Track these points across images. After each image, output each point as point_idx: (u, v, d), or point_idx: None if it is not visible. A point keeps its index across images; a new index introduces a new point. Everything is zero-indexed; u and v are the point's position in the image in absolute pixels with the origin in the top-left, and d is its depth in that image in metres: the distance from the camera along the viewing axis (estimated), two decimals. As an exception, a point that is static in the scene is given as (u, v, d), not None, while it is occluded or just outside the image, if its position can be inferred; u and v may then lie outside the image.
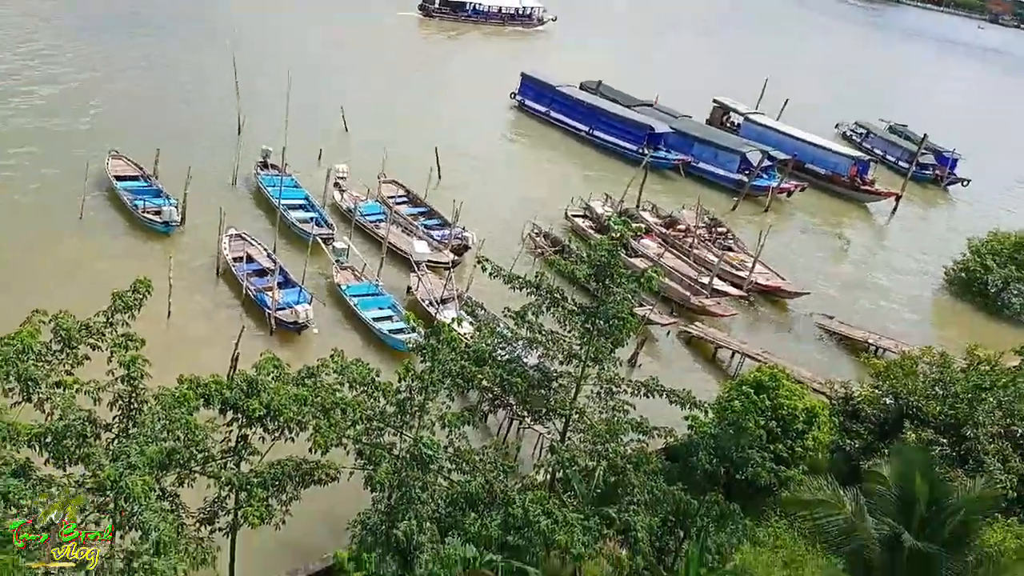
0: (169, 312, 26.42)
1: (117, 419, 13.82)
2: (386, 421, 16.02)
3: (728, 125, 61.15)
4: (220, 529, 15.50)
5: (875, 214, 53.23)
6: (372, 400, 16.36)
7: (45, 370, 13.44)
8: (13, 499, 12.23)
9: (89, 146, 36.20)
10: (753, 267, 37.22)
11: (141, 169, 35.37)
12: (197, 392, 14.46)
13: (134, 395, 13.76)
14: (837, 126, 68.04)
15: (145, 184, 34.66)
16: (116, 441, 13.60)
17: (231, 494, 15.12)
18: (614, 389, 19.19)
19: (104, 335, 14.05)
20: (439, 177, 41.41)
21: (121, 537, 13.46)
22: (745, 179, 48.88)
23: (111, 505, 13.18)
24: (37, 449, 12.83)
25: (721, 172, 50.76)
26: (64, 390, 13.30)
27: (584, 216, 41.85)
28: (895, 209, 52.80)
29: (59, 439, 12.84)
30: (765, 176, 50.36)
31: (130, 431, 13.71)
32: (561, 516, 14.86)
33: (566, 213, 41.60)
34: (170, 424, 13.91)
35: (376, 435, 16.14)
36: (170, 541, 12.37)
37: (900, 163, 60.73)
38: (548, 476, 19.67)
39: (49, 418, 13.11)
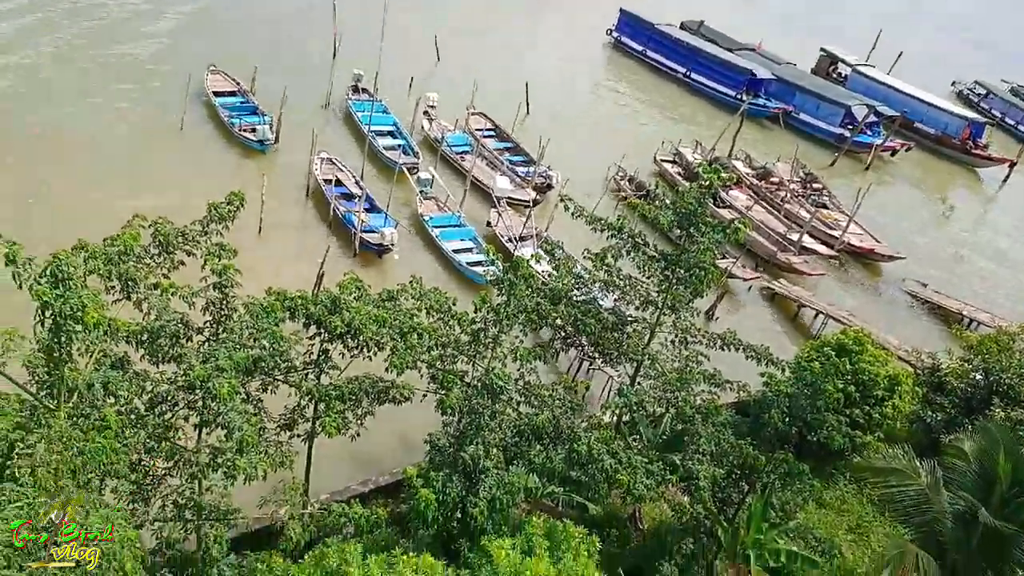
0: (260, 227, 27.33)
1: (208, 324, 14.49)
2: (460, 349, 16.31)
3: (834, 76, 57.94)
4: (298, 436, 16.26)
5: (985, 181, 49.92)
6: (447, 328, 16.69)
7: (144, 272, 14.10)
8: (112, 389, 13.09)
9: (189, 63, 37.11)
10: (847, 227, 35.71)
11: (239, 85, 36.20)
12: (283, 304, 15.02)
13: (225, 302, 14.38)
14: (953, 84, 63.51)
15: (242, 101, 35.52)
16: (206, 344, 14.31)
17: (310, 404, 15.79)
18: (689, 339, 18.98)
19: (199, 243, 14.63)
20: (527, 112, 40.92)
21: (207, 434, 14.32)
22: (847, 134, 46.51)
23: (199, 404, 14.00)
24: (134, 345, 13.60)
25: (822, 125, 48.38)
26: (161, 292, 13.93)
27: (673, 162, 40.82)
28: (1008, 177, 49.36)
29: (154, 338, 13.56)
30: (869, 132, 47.77)
31: (220, 336, 14.40)
32: (625, 457, 14.97)
33: (655, 158, 40.64)
34: (257, 333, 14.53)
35: (449, 362, 16.49)
36: (252, 442, 13.03)
37: (1020, 128, 56.58)
38: (615, 418, 19.78)
39: (146, 317, 13.82)
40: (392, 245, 28.72)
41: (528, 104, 41.13)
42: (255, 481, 13.05)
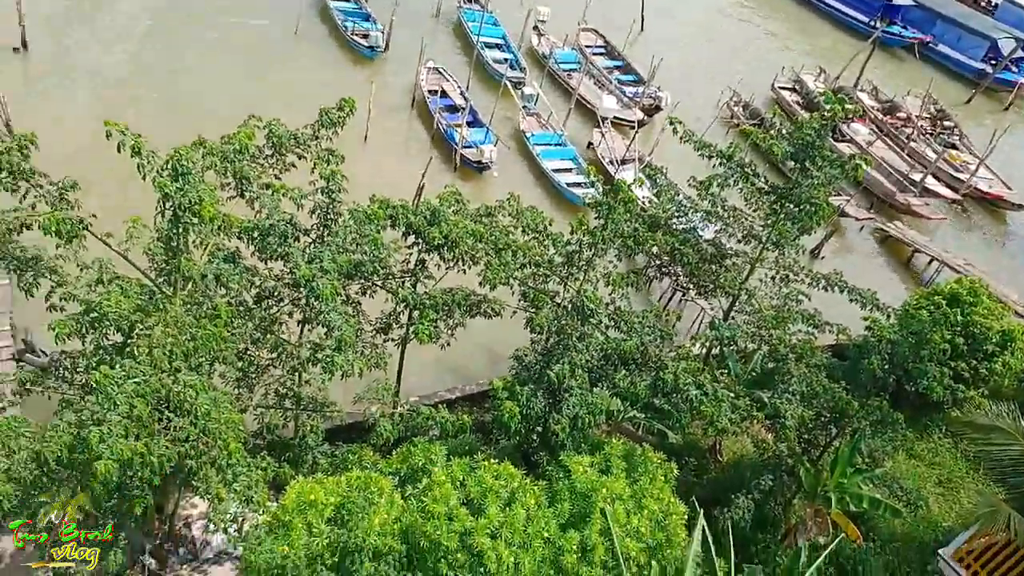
0: (366, 135, 27.78)
1: (314, 226, 15.02)
2: (552, 270, 16.35)
3: (983, 5, 52.79)
4: (392, 340, 16.88)
5: None
6: (542, 247, 16.71)
7: (257, 171, 14.66)
8: (223, 281, 13.87)
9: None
10: (976, 170, 33.20)
11: (354, -10, 36.27)
12: (385, 213, 15.36)
13: (331, 207, 14.83)
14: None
15: (356, 6, 35.59)
16: (312, 246, 14.87)
17: (405, 311, 16.30)
18: (791, 277, 18.35)
19: (309, 147, 15.03)
20: (641, 30, 39.37)
21: (309, 331, 15.06)
22: (989, 70, 42.64)
23: (303, 301, 14.69)
24: (245, 241, 14.26)
25: (962, 58, 44.51)
26: (272, 192, 14.48)
27: (792, 90, 38.62)
28: None
29: (264, 235, 14.15)
30: (1015, 69, 43.63)
31: (324, 239, 14.93)
32: (711, 390, 14.85)
33: (773, 84, 38.54)
34: (359, 238, 14.99)
35: (541, 281, 16.58)
36: (349, 341, 13.62)
37: None
38: (704, 351, 19.55)
39: (257, 216, 14.43)
40: (491, 162, 28.70)
41: (643, 20, 39.49)
42: (350, 378, 13.70)
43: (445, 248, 15.53)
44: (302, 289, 13.77)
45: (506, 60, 34.24)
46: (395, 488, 12.80)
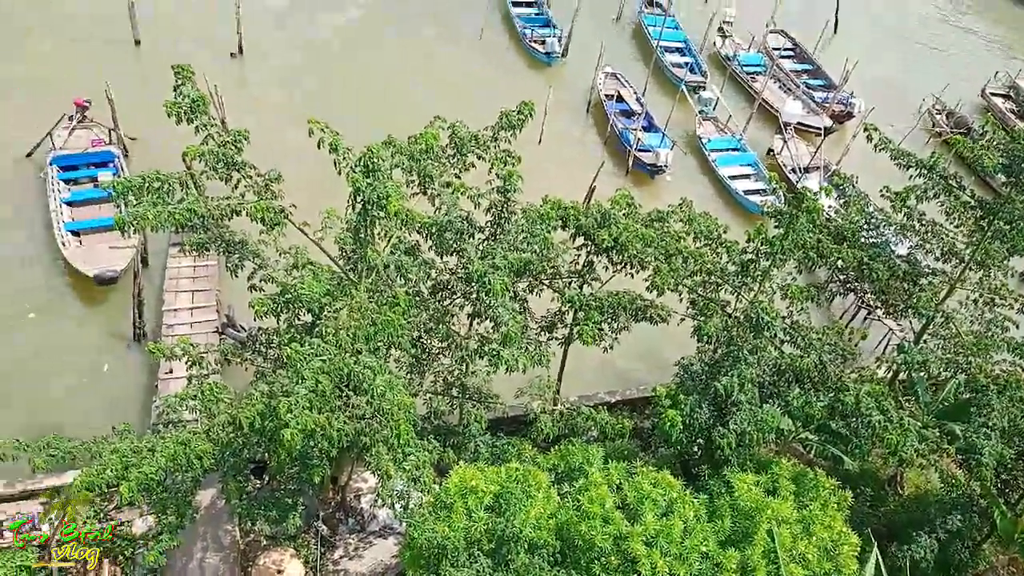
0: (540, 137, 28.24)
1: (489, 224, 15.48)
2: (725, 278, 15.81)
3: None
4: (556, 339, 17.05)
5: None
6: (715, 255, 16.21)
7: (439, 170, 15.31)
8: (403, 272, 14.63)
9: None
10: None
11: (535, -4, 36.99)
12: (557, 213, 15.54)
13: (505, 206, 15.23)
14: None
15: (537, 12, 36.29)
16: (485, 242, 15.34)
17: (570, 311, 16.40)
18: (997, 300, 16.62)
19: (489, 148, 15.49)
20: (835, 32, 37.16)
21: (478, 324, 15.54)
22: None
23: (474, 295, 15.18)
24: (424, 236, 14.93)
25: None
26: (452, 191, 15.06)
27: (1007, 96, 34.96)
28: None
29: (442, 231, 14.73)
30: None
31: (497, 236, 15.35)
32: (896, 417, 13.71)
33: (983, 91, 35.08)
34: (530, 237, 15.25)
35: (712, 289, 16.09)
36: (515, 337, 13.89)
37: None
38: (889, 375, 18.12)
39: (437, 212, 15.06)
40: (665, 166, 28.23)
41: (837, 21, 37.28)
42: (514, 373, 13.98)
43: (614, 251, 15.46)
44: (474, 284, 14.20)
45: (686, 64, 33.54)
46: (551, 484, 12.91)
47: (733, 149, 29.83)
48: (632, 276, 16.07)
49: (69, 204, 23.52)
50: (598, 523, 11.55)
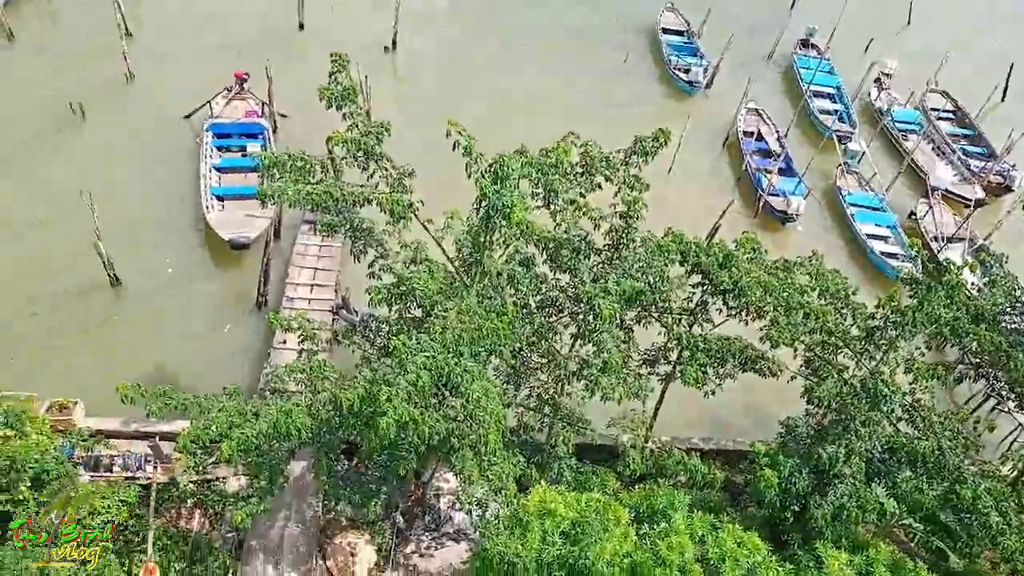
0: (671, 167, 27.80)
1: (606, 247, 15.35)
2: (847, 342, 15.04)
3: None
4: (657, 374, 16.68)
5: None
6: (839, 316, 15.45)
7: (565, 186, 15.29)
8: (515, 282, 14.73)
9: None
10: None
11: (688, 26, 36.48)
12: (678, 247, 15.22)
13: (626, 232, 15.06)
14: None
15: (687, 41, 35.82)
16: (600, 265, 15.21)
17: (676, 349, 16.00)
18: None
19: (618, 171, 15.35)
20: (1002, 99, 34.76)
21: (580, 346, 15.41)
22: None
23: (581, 317, 15.08)
24: (540, 249, 14.96)
25: None
26: (575, 209, 15.02)
27: None
28: None
29: (559, 247, 14.74)
30: None
31: (613, 261, 15.20)
32: (1017, 522, 12.62)
33: None
34: (647, 268, 15.02)
35: (831, 351, 15.34)
36: (616, 366, 13.71)
37: None
38: (1014, 473, 16.70)
39: (556, 228, 15.06)
40: (797, 215, 27.19)
41: (1007, 88, 34.89)
42: (610, 402, 13.78)
43: (731, 294, 15.00)
44: (583, 305, 14.12)
45: (835, 112, 32.22)
46: (631, 522, 12.61)
47: (873, 207, 28.38)
48: (746, 323, 15.54)
49: (218, 170, 25.08)
50: (674, 572, 11.19)
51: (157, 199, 24.45)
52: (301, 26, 32.12)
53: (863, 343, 14.66)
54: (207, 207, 23.57)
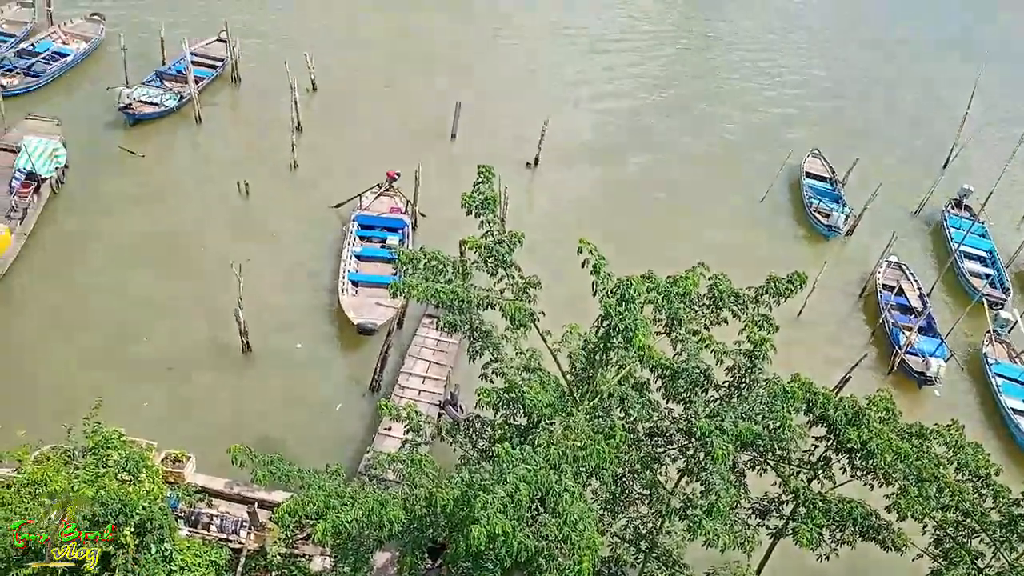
0: (800, 311, 26.90)
1: (726, 384, 14.84)
2: (985, 526, 13.67)
3: None
4: (767, 527, 15.62)
5: None
6: (977, 495, 14.10)
7: (690, 316, 15.09)
8: (626, 406, 14.38)
9: (794, 142, 38.10)
10: None
11: (832, 173, 36.04)
12: (804, 395, 14.50)
13: (750, 371, 14.53)
14: None
15: (829, 187, 35.31)
16: (718, 402, 14.66)
17: (791, 503, 14.99)
18: None
19: (747, 308, 15.02)
20: None
21: (686, 483, 14.71)
22: None
23: (691, 452, 14.46)
24: (655, 376, 14.63)
25: None
26: (697, 340, 14.73)
27: None
28: None
29: (676, 376, 14.37)
30: None
31: (732, 400, 14.62)
32: None
33: None
34: (768, 412, 14.32)
35: (965, 534, 13.93)
36: (724, 510, 12.94)
37: None
38: None
39: (675, 357, 14.75)
40: (936, 378, 25.43)
41: None
42: (712, 549, 12.95)
43: (859, 454, 14.04)
44: (694, 440, 13.58)
45: (987, 276, 30.48)
46: None
47: (1023, 382, 26.19)
48: (872, 488, 14.45)
49: (358, 257, 26.58)
50: None
51: (297, 277, 26.06)
52: (453, 136, 34.20)
53: (1004, 531, 13.26)
54: (342, 290, 24.86)
